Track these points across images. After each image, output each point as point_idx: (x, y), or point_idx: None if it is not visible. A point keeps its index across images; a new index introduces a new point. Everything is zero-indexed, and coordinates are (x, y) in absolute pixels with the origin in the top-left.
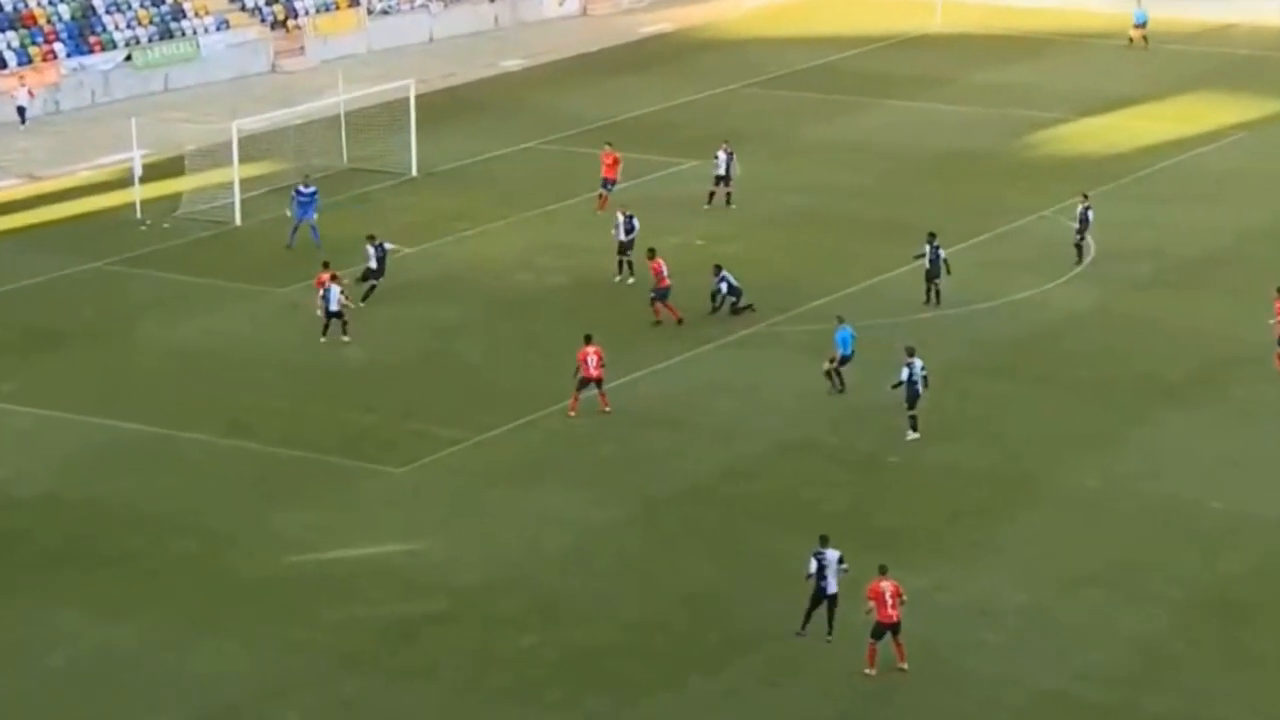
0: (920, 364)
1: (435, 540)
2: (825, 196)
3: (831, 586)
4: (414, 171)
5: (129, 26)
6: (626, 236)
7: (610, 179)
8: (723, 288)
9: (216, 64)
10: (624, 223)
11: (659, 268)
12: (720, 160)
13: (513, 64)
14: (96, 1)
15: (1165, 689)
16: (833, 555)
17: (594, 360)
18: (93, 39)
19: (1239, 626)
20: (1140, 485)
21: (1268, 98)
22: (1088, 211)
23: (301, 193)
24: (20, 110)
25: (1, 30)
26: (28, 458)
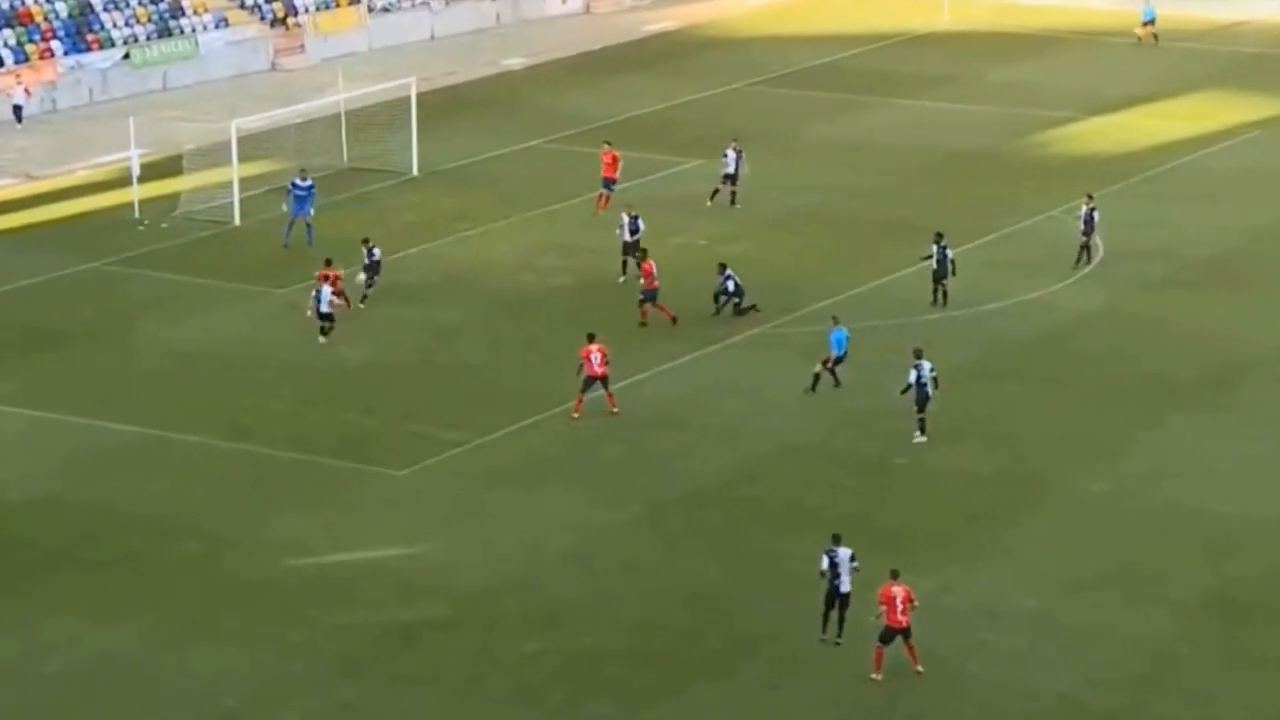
0: (929, 366)
1: (436, 543)
2: (830, 196)
3: (844, 585)
4: (415, 171)
5: (127, 24)
6: (632, 237)
7: (610, 179)
8: (729, 286)
9: (215, 62)
10: (629, 223)
11: (650, 269)
12: (729, 159)
13: (515, 62)
14: None
15: (1173, 693)
16: (845, 553)
17: (598, 358)
18: (90, 37)
19: (1247, 630)
20: (1148, 488)
21: (1279, 96)
22: (1093, 212)
23: (298, 186)
24: (17, 109)
25: None
26: (25, 460)
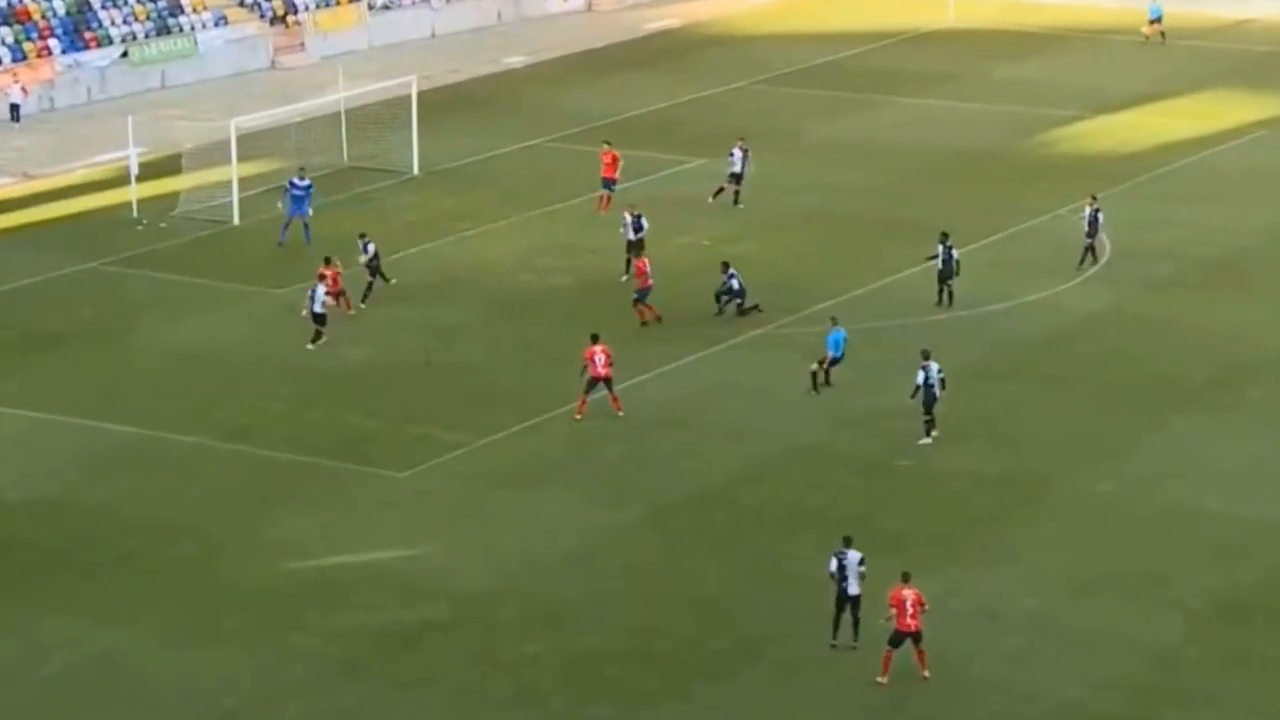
0: (936, 367)
1: (437, 545)
2: (834, 196)
3: (852, 587)
4: (415, 170)
5: (125, 22)
6: (635, 236)
7: (610, 179)
8: (733, 285)
9: (215, 60)
10: (632, 222)
11: (643, 267)
12: (735, 157)
13: (516, 60)
14: None
15: (1177, 696)
16: (854, 556)
17: (602, 359)
18: (88, 35)
19: (1252, 633)
20: (1153, 489)
21: None
22: (1097, 213)
23: (296, 185)
24: (14, 108)
25: None
26: (23, 460)
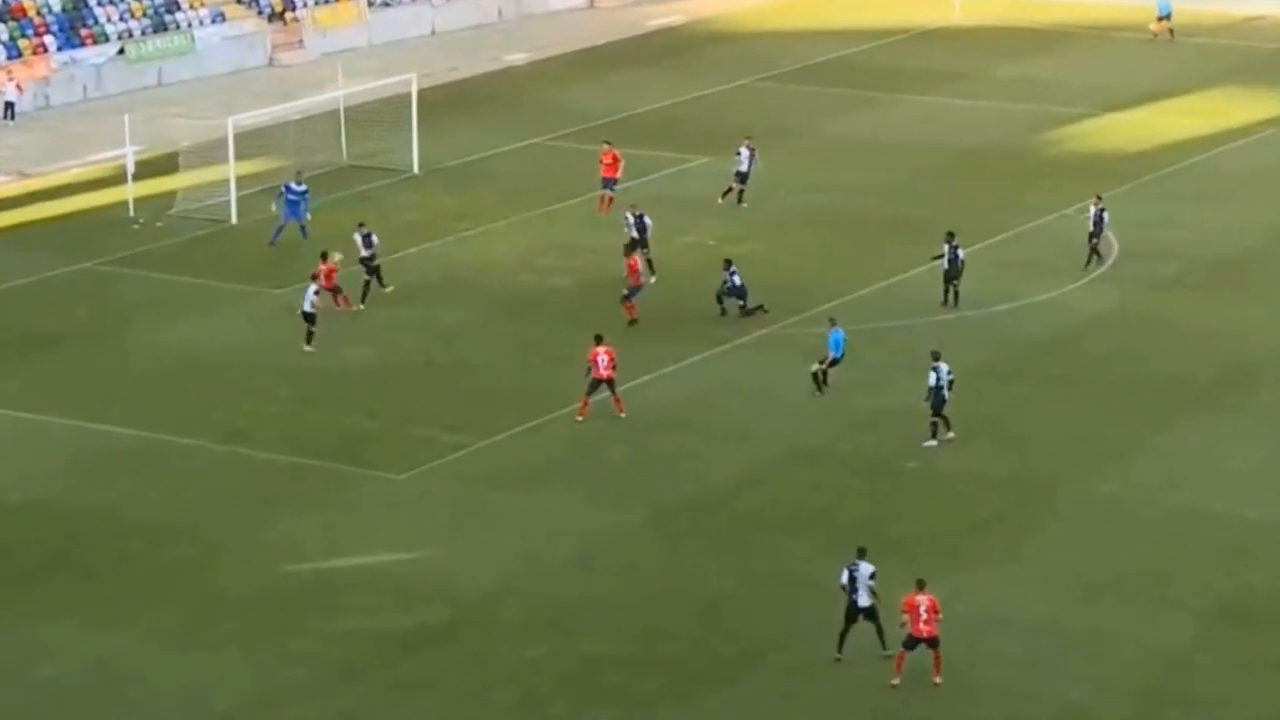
0: (946, 368)
1: (437, 548)
2: (839, 195)
3: (862, 600)
4: (415, 169)
5: (122, 19)
6: (639, 236)
7: (611, 178)
8: (734, 281)
9: (212, 58)
10: (634, 222)
11: (635, 265)
12: (742, 156)
13: (517, 58)
14: None
15: (1186, 701)
16: (866, 569)
17: (604, 360)
18: (84, 32)
19: (1262, 637)
20: (1160, 492)
21: None
22: (1102, 213)
23: (292, 190)
24: (9, 105)
25: None
26: (19, 462)
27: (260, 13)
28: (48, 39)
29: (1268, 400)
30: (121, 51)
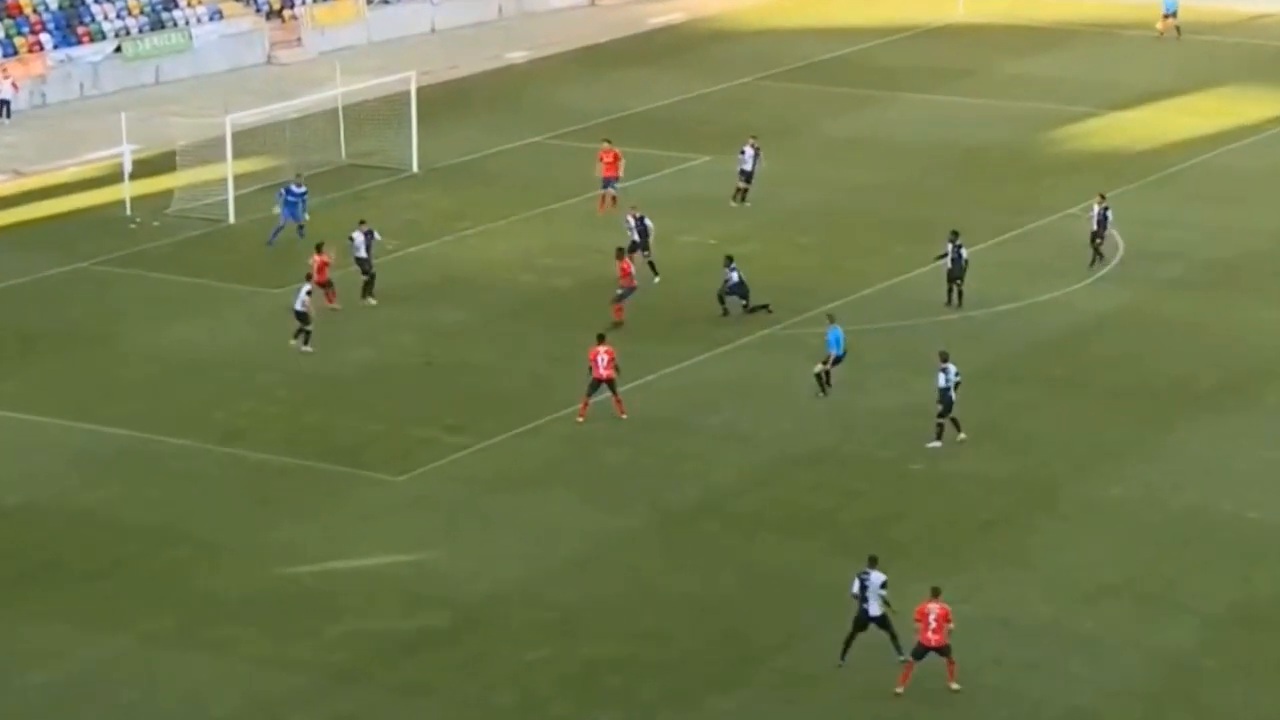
0: (954, 370)
1: (437, 551)
2: (843, 194)
3: (873, 609)
4: (415, 168)
5: (119, 16)
6: (640, 237)
7: (612, 178)
8: (733, 277)
9: (210, 55)
10: (635, 224)
11: (628, 268)
12: (746, 155)
13: (517, 56)
14: None
15: (1194, 707)
16: (877, 578)
17: (604, 360)
18: (81, 29)
19: (1271, 641)
20: (1168, 495)
21: None
22: (1106, 212)
23: (292, 192)
24: (5, 104)
25: None
26: (13, 464)
27: (258, 10)
28: (44, 36)
29: (1273, 402)
30: (118, 49)
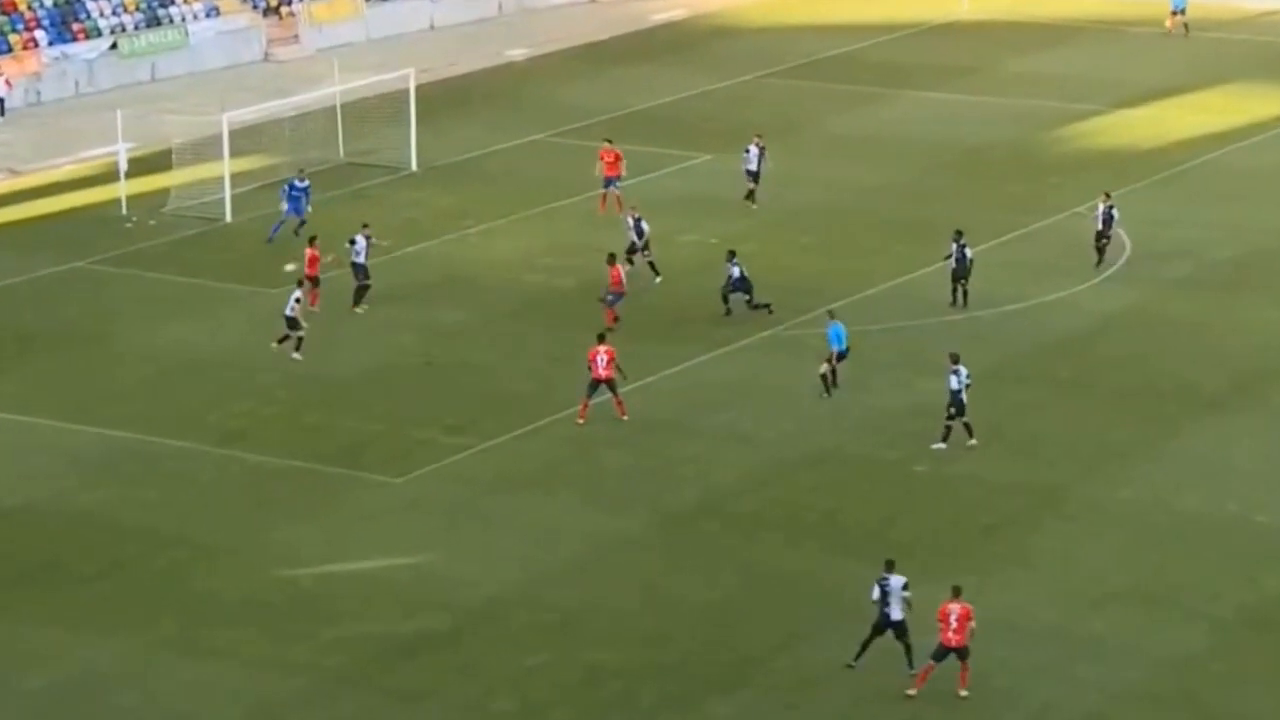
0: (966, 371)
1: (437, 553)
2: (846, 193)
3: (895, 613)
4: (414, 166)
5: (114, 13)
6: (638, 239)
7: (613, 177)
8: (735, 272)
9: (206, 53)
10: (633, 225)
11: (618, 274)
12: (751, 154)
13: (517, 53)
14: None
15: (1202, 710)
16: (897, 581)
17: (603, 360)
18: (76, 26)
19: (1278, 645)
20: (1175, 497)
21: None
22: (1111, 210)
23: (296, 186)
24: None
25: None
26: (8, 466)
27: (255, 7)
28: (39, 34)
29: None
30: (114, 46)
